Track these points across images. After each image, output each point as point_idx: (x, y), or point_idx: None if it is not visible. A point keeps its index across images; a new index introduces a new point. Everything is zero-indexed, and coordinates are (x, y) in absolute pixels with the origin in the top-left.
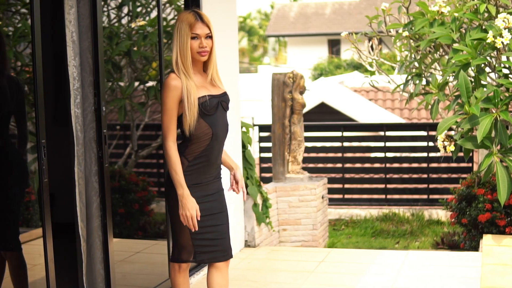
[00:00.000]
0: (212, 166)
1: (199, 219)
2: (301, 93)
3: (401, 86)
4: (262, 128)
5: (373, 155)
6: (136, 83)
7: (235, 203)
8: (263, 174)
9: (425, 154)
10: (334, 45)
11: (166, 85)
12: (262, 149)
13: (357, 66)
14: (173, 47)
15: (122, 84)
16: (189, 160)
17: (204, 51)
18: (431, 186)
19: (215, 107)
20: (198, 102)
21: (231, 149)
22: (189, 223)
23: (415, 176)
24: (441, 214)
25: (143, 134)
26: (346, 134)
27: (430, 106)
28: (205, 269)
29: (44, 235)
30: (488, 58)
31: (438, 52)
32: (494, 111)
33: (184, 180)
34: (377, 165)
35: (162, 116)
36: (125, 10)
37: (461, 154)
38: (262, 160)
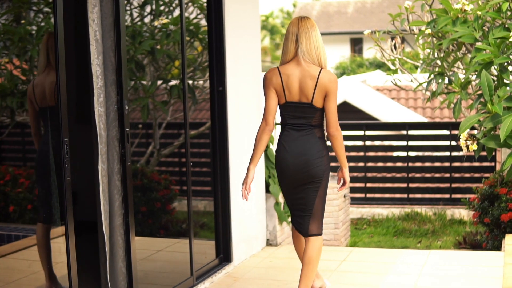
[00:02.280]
0: None
1: None
2: None
3: (424, 85)
4: None
5: (395, 154)
6: (159, 82)
7: (256, 202)
8: None
9: (447, 153)
10: (356, 43)
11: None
12: None
13: (379, 65)
14: (321, 49)
15: (145, 82)
16: None
17: None
18: (454, 185)
19: None
20: None
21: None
22: None
23: (437, 175)
24: (464, 213)
25: (165, 133)
26: (368, 133)
27: (452, 105)
28: (227, 268)
29: (66, 233)
30: (511, 56)
31: (460, 51)
32: None
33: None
34: (399, 164)
35: (335, 106)
36: (148, 8)
37: (483, 153)
38: None
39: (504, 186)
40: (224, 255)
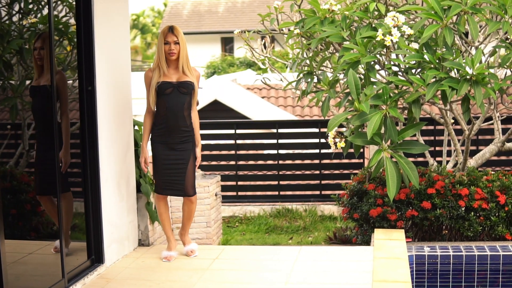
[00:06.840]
0: (172, 132)
1: (148, 165)
2: None
3: (293, 84)
4: None
5: (266, 152)
6: (28, 82)
7: (128, 202)
8: None
9: (317, 151)
10: (227, 43)
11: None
12: None
13: (250, 64)
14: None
15: (13, 82)
16: (155, 125)
17: (171, 53)
18: (324, 182)
19: (170, 90)
20: (156, 86)
21: (123, 147)
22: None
23: (307, 172)
24: (334, 209)
25: (34, 134)
26: (239, 131)
27: (321, 103)
28: (99, 269)
29: None
30: (377, 56)
31: (329, 50)
32: (383, 108)
33: (154, 137)
34: (270, 162)
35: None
36: (16, 7)
37: (352, 150)
38: None
39: (372, 182)
40: (96, 256)
